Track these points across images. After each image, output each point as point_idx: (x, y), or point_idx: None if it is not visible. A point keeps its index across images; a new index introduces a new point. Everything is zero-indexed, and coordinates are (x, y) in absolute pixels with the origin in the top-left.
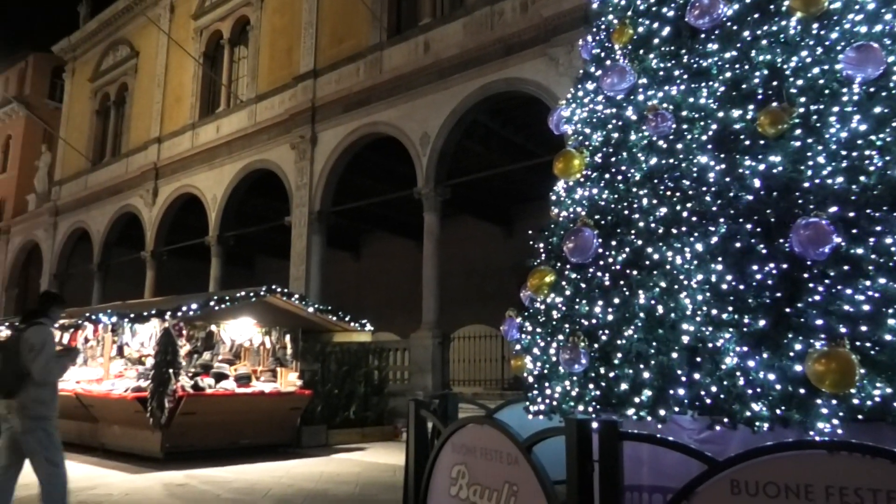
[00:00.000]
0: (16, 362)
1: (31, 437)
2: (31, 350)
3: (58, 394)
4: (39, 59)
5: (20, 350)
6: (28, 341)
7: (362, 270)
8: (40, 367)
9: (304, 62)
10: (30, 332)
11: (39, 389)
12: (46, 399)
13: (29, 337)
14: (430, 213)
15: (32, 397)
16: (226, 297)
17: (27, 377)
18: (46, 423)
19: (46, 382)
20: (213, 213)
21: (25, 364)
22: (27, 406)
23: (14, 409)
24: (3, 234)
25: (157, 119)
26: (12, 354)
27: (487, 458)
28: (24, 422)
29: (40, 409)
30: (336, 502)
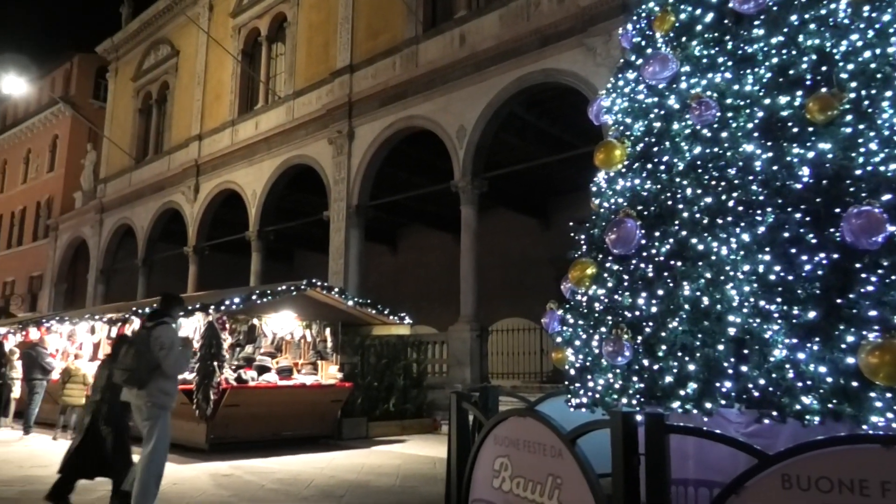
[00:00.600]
0: (147, 357)
1: (151, 424)
2: (161, 347)
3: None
4: (84, 59)
5: (150, 346)
6: (158, 339)
7: (399, 264)
8: (171, 362)
9: (340, 57)
10: (158, 330)
11: (167, 382)
12: (171, 391)
13: (158, 335)
14: (467, 206)
15: (160, 388)
16: (267, 291)
17: (157, 370)
18: (167, 412)
19: (174, 376)
20: (253, 208)
21: (156, 359)
22: (155, 396)
23: (143, 398)
24: (52, 232)
25: (197, 116)
26: (144, 350)
27: (530, 450)
28: (151, 410)
29: (165, 399)
30: (378, 494)
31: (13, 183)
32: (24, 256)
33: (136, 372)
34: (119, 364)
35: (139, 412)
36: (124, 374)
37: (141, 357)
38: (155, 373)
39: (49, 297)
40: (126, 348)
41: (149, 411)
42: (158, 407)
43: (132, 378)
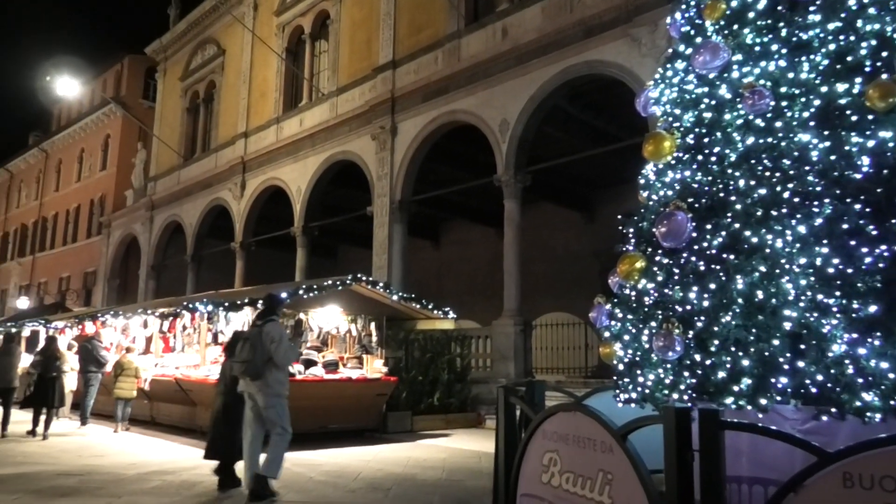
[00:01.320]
0: (261, 351)
1: (273, 410)
2: (272, 341)
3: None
4: (134, 60)
5: (263, 341)
6: (269, 334)
7: (442, 258)
8: (282, 355)
9: (383, 53)
10: (268, 326)
11: (279, 372)
12: (284, 380)
13: (269, 331)
14: (511, 201)
15: (274, 379)
16: (314, 285)
17: (270, 362)
18: (283, 399)
19: (285, 366)
20: (298, 204)
21: (269, 352)
22: (271, 385)
23: (260, 388)
24: (105, 229)
25: (243, 114)
26: (257, 344)
27: (580, 445)
28: (268, 398)
29: (280, 388)
30: (424, 487)
31: (68, 181)
32: (78, 253)
33: (252, 364)
34: (236, 358)
35: (256, 400)
36: (242, 366)
37: (255, 351)
38: (268, 364)
39: (103, 292)
40: (242, 343)
41: (265, 399)
42: (274, 395)
43: (249, 370)
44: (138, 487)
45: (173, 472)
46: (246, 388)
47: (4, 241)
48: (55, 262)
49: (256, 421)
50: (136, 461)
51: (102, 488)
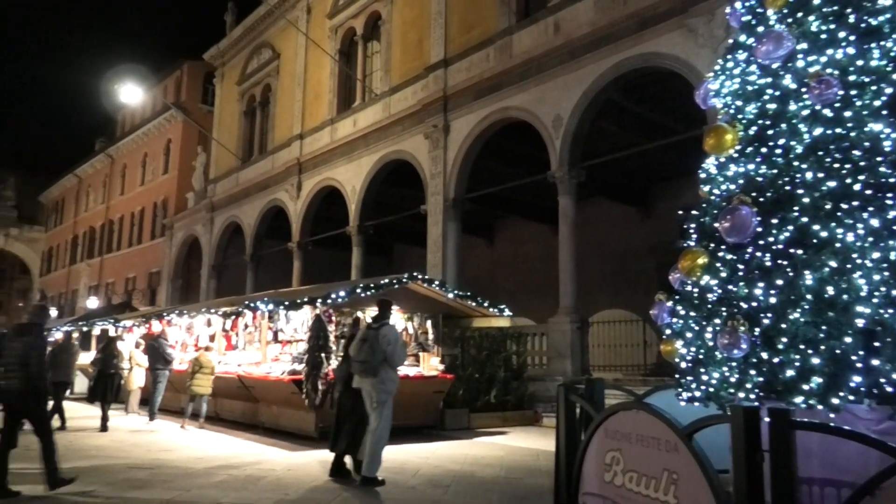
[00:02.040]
0: (378, 352)
1: (385, 406)
2: (388, 343)
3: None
4: (193, 66)
5: (379, 343)
6: (385, 337)
7: (496, 256)
8: (397, 355)
9: (434, 52)
10: (384, 329)
11: (392, 371)
12: (395, 379)
13: (385, 333)
14: (565, 197)
15: (388, 377)
16: (370, 284)
17: (384, 362)
18: (391, 397)
19: (397, 366)
20: (353, 203)
21: (384, 353)
22: (385, 383)
23: (374, 385)
24: (168, 230)
25: (298, 116)
26: (375, 346)
27: (644, 444)
28: (381, 395)
29: (391, 385)
30: (483, 484)
31: (132, 185)
32: (143, 254)
33: (369, 364)
34: (355, 358)
35: (370, 397)
36: (360, 366)
37: (373, 352)
38: (383, 364)
39: (166, 291)
40: (360, 345)
41: (378, 396)
42: (386, 392)
43: (366, 369)
44: (205, 481)
45: (238, 466)
46: (362, 385)
47: (74, 244)
48: (122, 263)
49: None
50: (203, 456)
51: (172, 482)
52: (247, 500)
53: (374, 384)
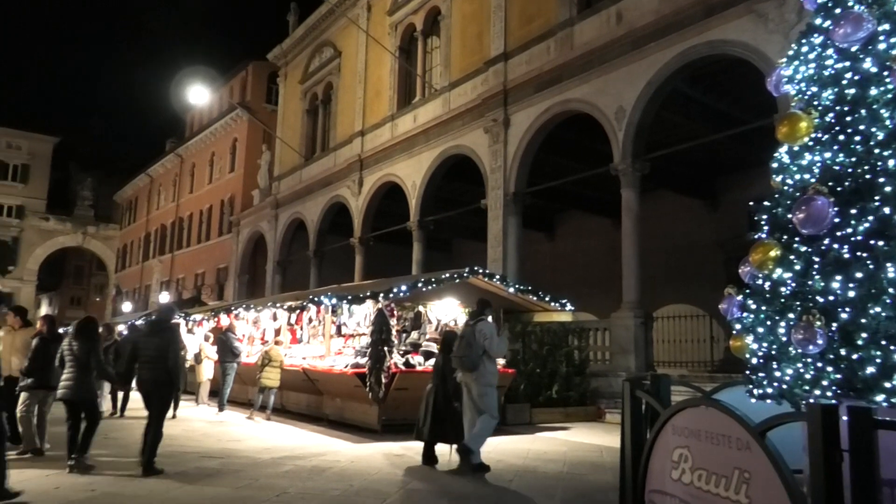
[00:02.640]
0: (476, 346)
1: (485, 398)
2: (485, 338)
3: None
4: (257, 67)
5: (476, 338)
6: (482, 331)
7: (557, 250)
8: (496, 347)
9: (494, 46)
10: (480, 325)
11: (491, 364)
12: (495, 371)
13: (481, 328)
14: (628, 190)
15: (487, 370)
16: (432, 279)
17: (483, 355)
18: (494, 388)
19: (497, 357)
20: (413, 199)
21: (482, 346)
22: (484, 376)
23: (475, 378)
24: (234, 227)
25: (359, 113)
26: (472, 341)
27: (713, 442)
28: (481, 388)
29: (491, 378)
30: (546, 480)
31: (201, 184)
32: (211, 250)
33: (469, 358)
34: (455, 354)
35: (471, 389)
36: (459, 360)
37: (471, 346)
38: (482, 357)
39: (234, 286)
40: (458, 341)
41: (479, 388)
42: (486, 384)
43: (466, 363)
44: (273, 471)
45: (304, 457)
46: (463, 379)
47: (147, 241)
48: (191, 260)
49: (471, 407)
50: (270, 446)
51: (242, 471)
52: (312, 490)
53: (475, 377)
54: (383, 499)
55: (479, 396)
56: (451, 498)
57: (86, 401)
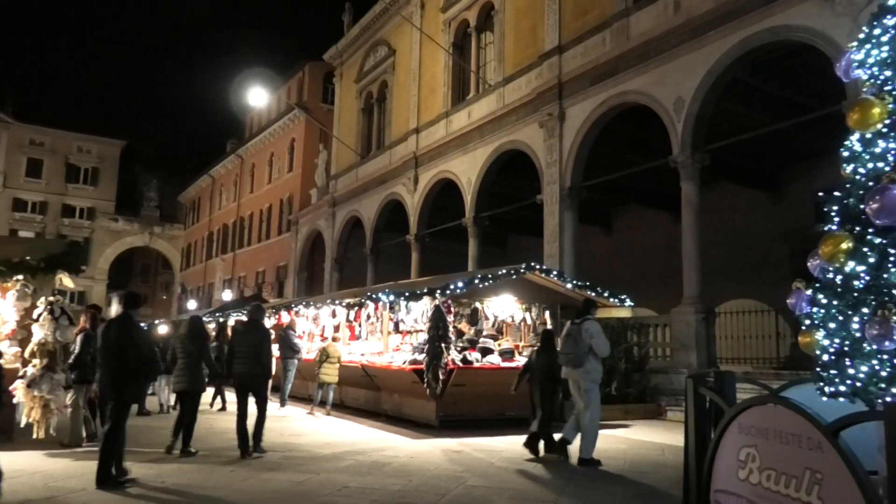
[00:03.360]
0: (582, 344)
1: (590, 393)
2: (591, 336)
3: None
4: (313, 67)
5: (582, 336)
6: (587, 330)
7: (614, 245)
8: (602, 346)
9: (548, 39)
10: (586, 324)
11: (596, 362)
12: (599, 369)
13: (587, 327)
14: (688, 182)
15: (592, 367)
16: (488, 275)
17: (588, 353)
18: (598, 385)
19: (604, 354)
20: (468, 195)
21: (587, 345)
22: (590, 373)
23: (581, 375)
24: (293, 226)
25: (414, 111)
26: (578, 339)
27: (782, 441)
28: (587, 384)
29: (596, 375)
30: (607, 477)
31: (260, 183)
32: (271, 249)
33: (575, 355)
34: (561, 351)
35: (577, 385)
36: (565, 357)
37: (577, 344)
38: (588, 355)
39: (293, 283)
40: (565, 339)
41: (585, 384)
42: (591, 381)
43: (572, 360)
44: (333, 466)
45: (363, 452)
46: (569, 376)
47: (210, 240)
48: (252, 258)
49: (577, 402)
50: (330, 441)
51: (303, 465)
52: (373, 485)
53: (581, 374)
54: (443, 494)
55: (584, 392)
56: (509, 496)
57: (197, 392)
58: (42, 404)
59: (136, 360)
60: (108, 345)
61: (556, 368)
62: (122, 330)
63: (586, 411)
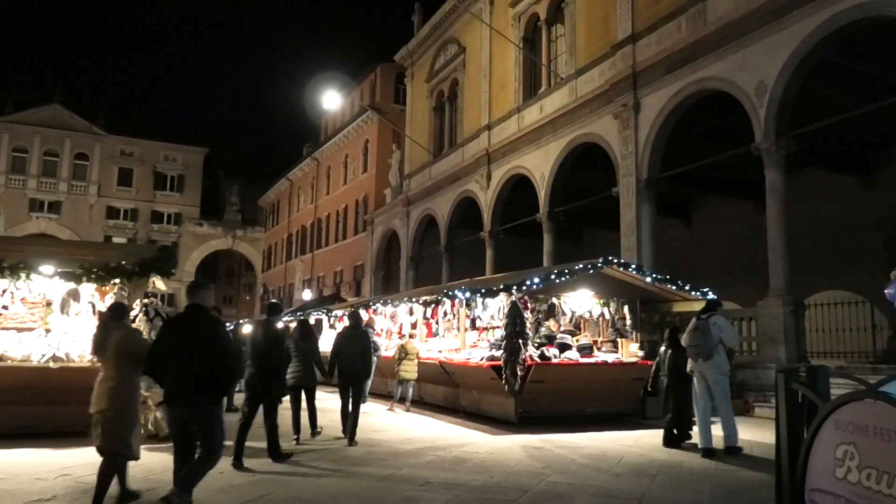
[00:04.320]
0: (711, 337)
1: (719, 386)
2: (720, 329)
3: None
4: (385, 69)
5: (712, 330)
6: (717, 324)
7: (694, 237)
8: (731, 339)
9: (621, 28)
10: (714, 318)
11: (723, 356)
12: (727, 361)
13: (716, 321)
14: (772, 170)
15: (721, 360)
16: (565, 269)
17: (717, 346)
18: (726, 377)
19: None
20: (542, 190)
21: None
22: (719, 365)
23: (709, 368)
24: (368, 226)
25: (485, 108)
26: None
27: (884, 439)
28: (716, 376)
29: (725, 367)
30: (692, 475)
31: (336, 185)
32: (348, 249)
33: (704, 348)
34: (689, 344)
35: (704, 378)
36: (695, 350)
37: (706, 337)
38: (716, 348)
39: (370, 282)
40: (692, 333)
41: (714, 376)
42: (720, 373)
43: (702, 352)
44: (415, 461)
45: (444, 448)
46: (697, 368)
47: (289, 242)
48: (330, 258)
49: (705, 395)
50: (411, 437)
51: (385, 460)
52: (454, 480)
53: (709, 367)
54: (525, 490)
55: (714, 384)
56: (593, 493)
57: (311, 388)
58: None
59: (279, 361)
60: (256, 347)
61: (683, 364)
62: (267, 334)
63: (720, 402)
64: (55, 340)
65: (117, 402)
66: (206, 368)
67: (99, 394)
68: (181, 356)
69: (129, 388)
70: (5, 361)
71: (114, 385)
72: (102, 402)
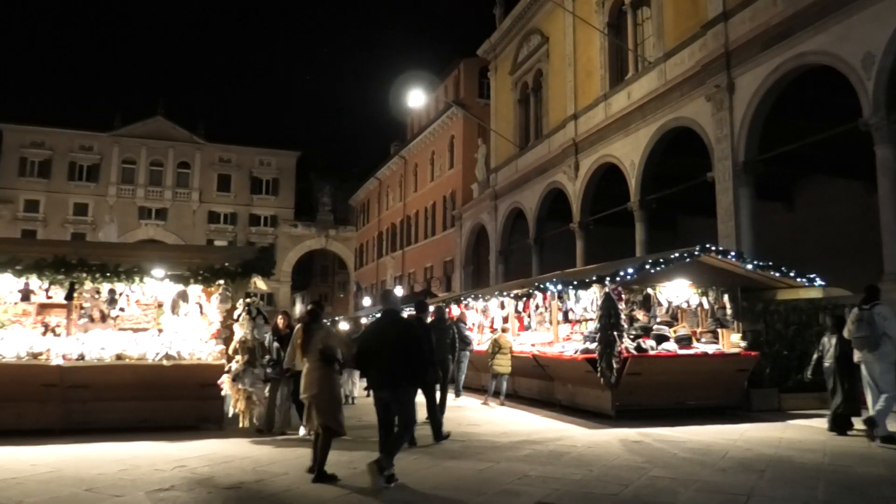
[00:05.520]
0: (876, 327)
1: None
2: (884, 319)
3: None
4: (468, 63)
5: (876, 320)
6: (881, 314)
7: (797, 221)
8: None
9: (711, 7)
10: (878, 308)
11: (888, 346)
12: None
13: (880, 311)
14: (884, 146)
15: (889, 349)
16: (660, 259)
17: (882, 336)
18: (893, 367)
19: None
20: (633, 178)
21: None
22: (886, 355)
23: (876, 358)
24: (457, 221)
25: (570, 97)
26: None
27: None
28: (883, 366)
29: (893, 357)
30: (804, 471)
31: (424, 182)
32: (438, 244)
33: (869, 338)
34: (854, 335)
35: (872, 367)
36: (859, 341)
37: (871, 327)
38: (882, 338)
39: (460, 277)
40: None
41: (881, 366)
42: (888, 363)
43: (868, 343)
44: (512, 455)
45: (540, 441)
46: (863, 359)
47: (380, 240)
48: (419, 255)
49: (870, 384)
50: (506, 430)
51: (482, 454)
52: (553, 474)
53: (876, 357)
54: (625, 485)
55: (880, 374)
56: (697, 488)
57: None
58: (245, 396)
59: (429, 351)
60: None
61: (850, 351)
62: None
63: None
64: (167, 339)
65: (325, 387)
66: (406, 360)
67: (308, 382)
68: (390, 352)
69: (331, 375)
70: (124, 360)
71: (320, 374)
72: (314, 388)
